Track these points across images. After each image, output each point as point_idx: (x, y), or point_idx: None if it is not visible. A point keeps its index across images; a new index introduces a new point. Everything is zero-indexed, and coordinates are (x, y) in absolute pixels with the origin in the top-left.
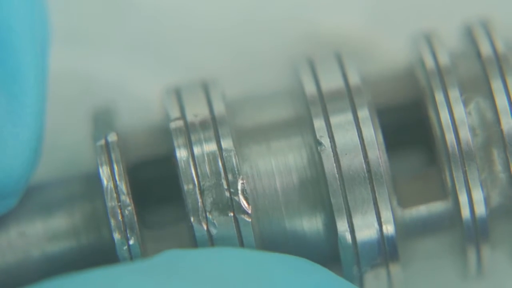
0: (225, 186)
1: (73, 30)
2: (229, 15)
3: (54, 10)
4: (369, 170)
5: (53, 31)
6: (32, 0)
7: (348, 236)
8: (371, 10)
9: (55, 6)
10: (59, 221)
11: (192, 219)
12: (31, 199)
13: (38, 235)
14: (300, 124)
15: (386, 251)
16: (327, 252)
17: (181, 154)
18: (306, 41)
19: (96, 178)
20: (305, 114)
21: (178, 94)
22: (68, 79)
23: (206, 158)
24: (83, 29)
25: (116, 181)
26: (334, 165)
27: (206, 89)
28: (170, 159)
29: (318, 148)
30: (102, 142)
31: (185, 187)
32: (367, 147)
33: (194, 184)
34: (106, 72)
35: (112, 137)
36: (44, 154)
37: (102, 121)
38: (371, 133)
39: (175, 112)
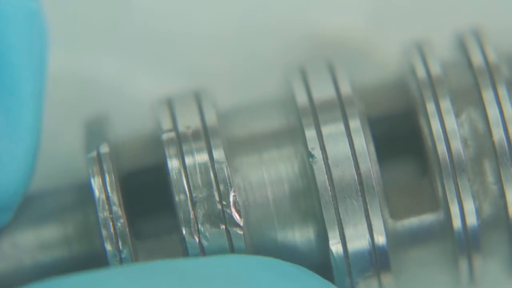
0: (217, 198)
1: (72, 33)
2: (229, 18)
3: (53, 12)
4: (360, 181)
5: (51, 34)
6: (32, 13)
7: (340, 247)
8: (372, 11)
9: (54, 8)
10: (51, 231)
11: (184, 231)
12: (23, 208)
13: (30, 244)
14: (292, 135)
15: (378, 262)
16: (319, 263)
17: (173, 165)
18: (307, 42)
19: (88, 188)
20: (296, 124)
21: (170, 105)
22: (66, 82)
23: (198, 170)
24: (82, 32)
25: (108, 192)
26: (326, 176)
27: (198, 99)
28: (162, 168)
29: (310, 159)
30: (94, 153)
31: (177, 198)
32: (358, 158)
33: (186, 196)
34: (106, 75)
35: (104, 148)
36: (41, 160)
37: (95, 131)
38: (363, 143)
39: (167, 123)
